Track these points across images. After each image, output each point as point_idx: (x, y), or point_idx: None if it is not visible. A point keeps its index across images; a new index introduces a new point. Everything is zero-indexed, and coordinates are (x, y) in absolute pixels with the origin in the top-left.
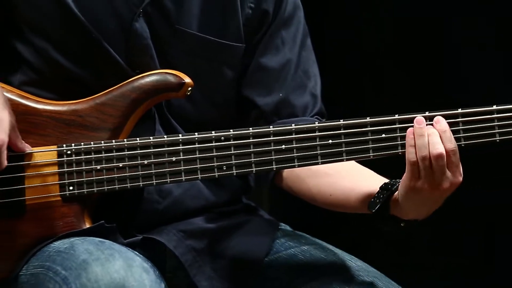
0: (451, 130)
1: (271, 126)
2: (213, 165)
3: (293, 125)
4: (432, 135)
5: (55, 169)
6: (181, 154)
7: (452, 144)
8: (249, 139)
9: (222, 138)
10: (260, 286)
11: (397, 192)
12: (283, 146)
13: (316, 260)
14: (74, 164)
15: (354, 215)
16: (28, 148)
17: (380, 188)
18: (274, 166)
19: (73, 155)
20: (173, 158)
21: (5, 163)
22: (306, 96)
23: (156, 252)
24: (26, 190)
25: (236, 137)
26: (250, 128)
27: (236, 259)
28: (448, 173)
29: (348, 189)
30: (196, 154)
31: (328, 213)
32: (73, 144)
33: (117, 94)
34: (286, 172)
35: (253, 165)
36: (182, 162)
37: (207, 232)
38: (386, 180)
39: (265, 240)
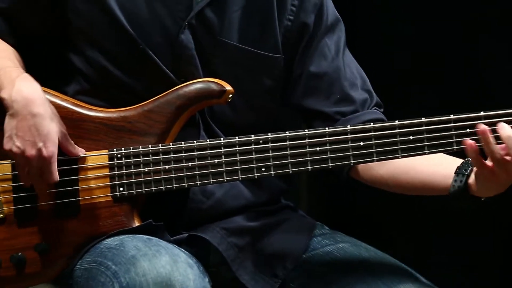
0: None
1: (306, 130)
2: (253, 166)
3: (326, 128)
4: (510, 138)
5: (106, 172)
6: (223, 156)
7: None
8: (286, 142)
9: (261, 141)
10: (298, 280)
11: (472, 174)
12: (318, 148)
13: (350, 257)
14: (124, 167)
15: (388, 215)
16: (82, 152)
17: (455, 173)
18: (309, 167)
19: (123, 159)
20: (216, 160)
21: (56, 173)
22: (361, 92)
23: (201, 249)
24: (80, 191)
25: (274, 140)
26: (287, 132)
27: (275, 255)
28: None
29: (425, 176)
30: (236, 157)
31: (362, 213)
32: (123, 148)
33: (163, 101)
34: (361, 166)
35: (289, 165)
36: (224, 164)
37: (248, 230)
38: (457, 161)
39: (303, 238)
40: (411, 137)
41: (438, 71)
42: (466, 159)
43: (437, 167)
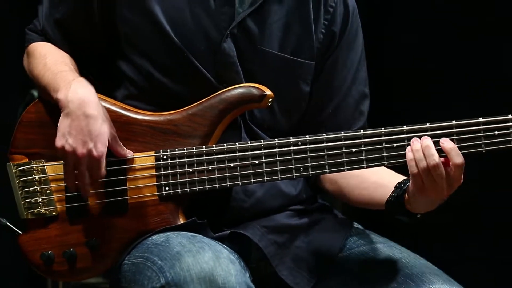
0: (473, 137)
1: (342, 132)
2: (291, 167)
3: (361, 130)
4: (427, 148)
5: (153, 172)
6: (263, 157)
7: (460, 159)
8: (323, 144)
9: (299, 143)
10: (334, 278)
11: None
12: (353, 149)
13: (384, 257)
14: (169, 167)
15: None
16: (130, 154)
17: (395, 187)
18: (345, 167)
19: (169, 160)
20: (256, 161)
21: (104, 171)
22: (355, 112)
23: (242, 245)
24: (128, 190)
25: (311, 142)
26: (324, 134)
27: (313, 252)
28: (450, 180)
29: (372, 189)
30: (276, 157)
31: None
32: (168, 150)
33: (207, 105)
34: (324, 176)
35: (326, 166)
36: (264, 164)
37: (287, 227)
38: (402, 178)
39: (339, 237)
40: (395, 145)
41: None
42: (409, 176)
43: (383, 183)
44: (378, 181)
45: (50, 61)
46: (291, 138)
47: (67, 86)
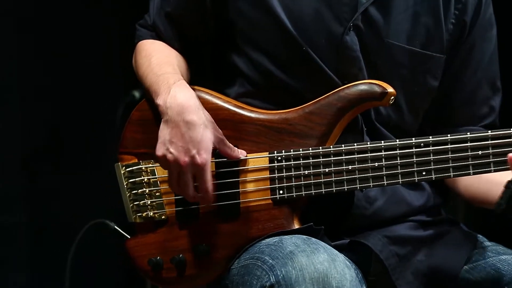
0: None
1: (468, 133)
2: (413, 170)
3: (489, 131)
4: None
5: (266, 174)
6: (383, 159)
7: None
8: (447, 145)
9: (422, 144)
10: None
11: None
12: (480, 152)
13: None
14: (284, 169)
15: None
16: (242, 155)
17: (504, 186)
18: (471, 171)
19: (283, 161)
20: (376, 163)
21: (211, 178)
22: (485, 107)
23: (362, 256)
24: (241, 194)
25: (435, 143)
26: (448, 135)
27: (435, 267)
28: None
29: (486, 189)
30: (397, 160)
31: None
32: (283, 151)
33: (324, 103)
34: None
35: (451, 169)
36: (384, 167)
37: (409, 239)
38: None
39: (464, 251)
40: None
41: None
42: None
43: (497, 182)
44: (493, 182)
45: (155, 61)
46: (413, 139)
47: (167, 91)
